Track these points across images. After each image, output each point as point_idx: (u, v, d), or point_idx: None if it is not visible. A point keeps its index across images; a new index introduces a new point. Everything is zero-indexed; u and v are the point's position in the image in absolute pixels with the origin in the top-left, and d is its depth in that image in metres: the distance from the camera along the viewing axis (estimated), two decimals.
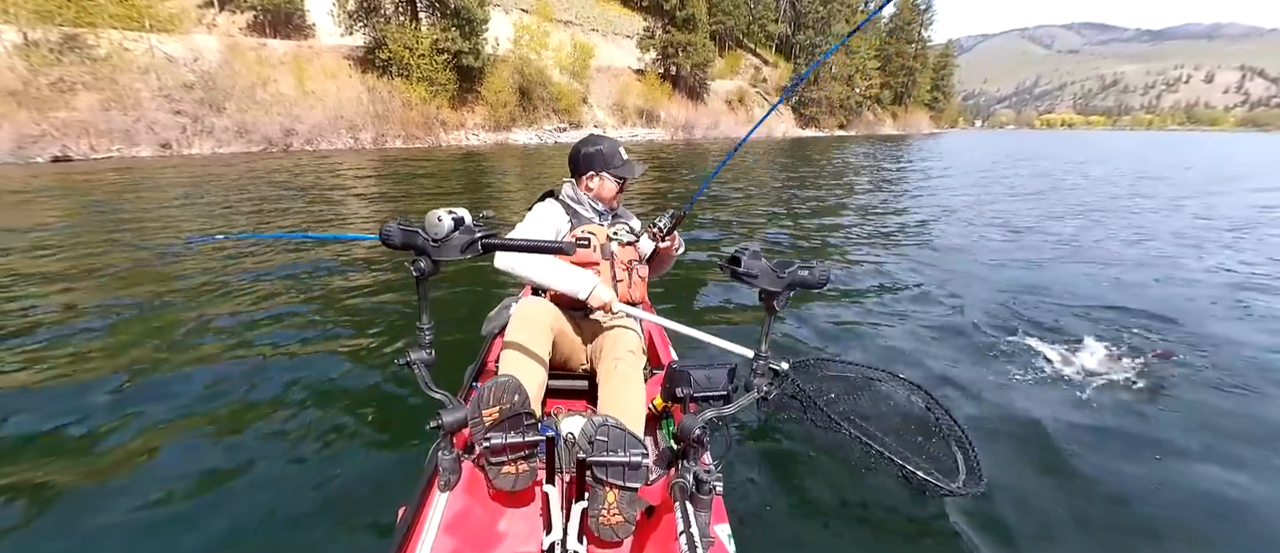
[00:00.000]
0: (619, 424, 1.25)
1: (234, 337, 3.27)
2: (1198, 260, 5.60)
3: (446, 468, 1.24)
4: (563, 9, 37.95)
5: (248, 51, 21.42)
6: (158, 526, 1.79)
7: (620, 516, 1.24)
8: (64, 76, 16.78)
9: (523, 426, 1.28)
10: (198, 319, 3.52)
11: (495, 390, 1.26)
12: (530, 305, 1.73)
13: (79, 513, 1.85)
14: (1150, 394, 2.76)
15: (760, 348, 1.41)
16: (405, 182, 11.82)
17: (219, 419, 2.40)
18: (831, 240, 6.58)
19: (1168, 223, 7.90)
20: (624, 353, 1.67)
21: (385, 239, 1.22)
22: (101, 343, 3.18)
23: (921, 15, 67.87)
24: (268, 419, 2.39)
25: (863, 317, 3.88)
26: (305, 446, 2.21)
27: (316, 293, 4.13)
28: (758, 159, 19.17)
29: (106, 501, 1.90)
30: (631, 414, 1.50)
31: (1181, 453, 2.34)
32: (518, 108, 28.24)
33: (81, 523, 1.81)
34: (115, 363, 2.92)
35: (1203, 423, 2.54)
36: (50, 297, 3.99)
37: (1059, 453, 2.30)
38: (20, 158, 14.74)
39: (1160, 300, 4.19)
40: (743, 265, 1.33)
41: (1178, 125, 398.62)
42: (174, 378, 2.75)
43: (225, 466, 2.08)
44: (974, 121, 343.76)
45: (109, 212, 7.47)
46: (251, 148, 19.27)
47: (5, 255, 5.10)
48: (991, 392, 2.79)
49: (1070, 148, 31.97)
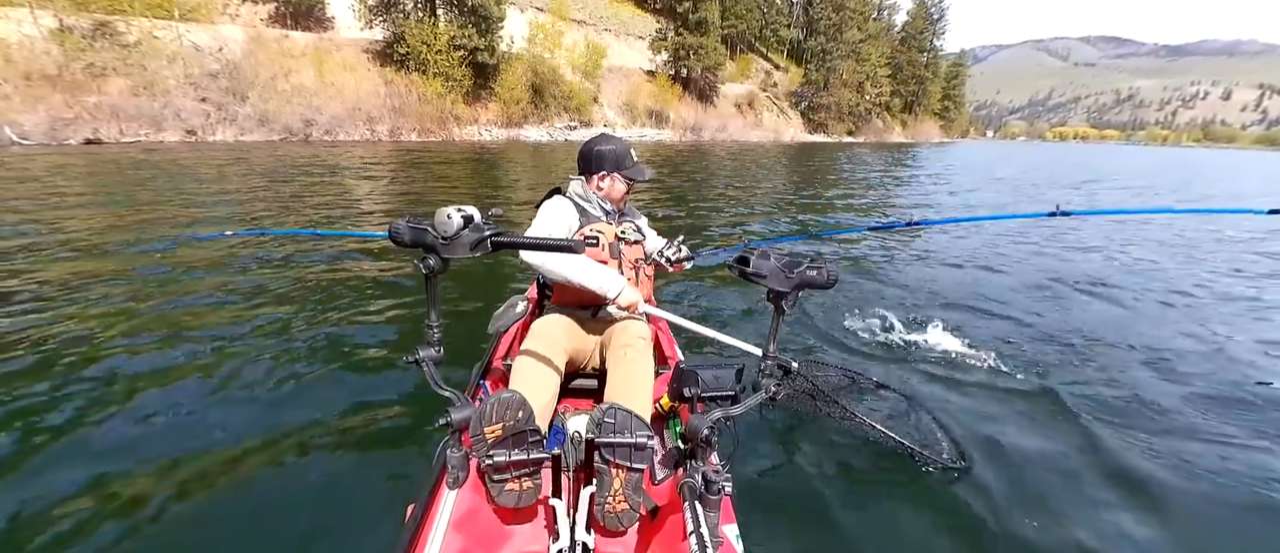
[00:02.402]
0: (625, 408, 1.28)
1: (240, 333, 3.28)
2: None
3: (454, 466, 1.25)
4: (577, 8, 38.47)
5: (270, 42, 22.08)
6: (164, 522, 1.80)
7: (626, 503, 1.26)
8: (95, 62, 17.44)
9: (527, 443, 1.26)
10: (205, 314, 3.54)
11: (498, 407, 1.24)
12: (545, 323, 1.76)
13: (81, 511, 1.84)
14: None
15: (769, 347, 1.42)
16: (421, 174, 12.30)
17: (226, 415, 2.41)
18: (831, 240, 6.80)
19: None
20: (633, 339, 1.71)
21: (394, 237, 1.23)
22: (107, 340, 3.13)
23: (933, 24, 67.98)
24: (275, 416, 2.40)
25: (863, 315, 4.00)
26: (313, 443, 2.22)
27: (324, 290, 4.13)
28: (763, 161, 19.49)
29: (108, 498, 1.91)
30: (639, 399, 1.54)
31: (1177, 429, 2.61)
32: (530, 105, 28.85)
33: (84, 522, 1.80)
34: (120, 356, 2.92)
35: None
36: (51, 287, 3.95)
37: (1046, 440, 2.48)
38: (54, 139, 15.38)
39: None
40: (751, 265, 1.34)
41: (1193, 142, 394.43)
42: (180, 374, 2.76)
43: (232, 462, 2.09)
44: (985, 132, 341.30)
45: (142, 190, 7.97)
46: (272, 136, 19.91)
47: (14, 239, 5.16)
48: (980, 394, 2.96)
49: (1074, 166, 31.50)
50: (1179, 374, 3.30)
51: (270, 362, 2.91)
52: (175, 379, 2.70)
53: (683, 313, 2.16)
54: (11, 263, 4.45)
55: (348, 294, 4.06)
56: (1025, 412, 2.75)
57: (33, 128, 15.18)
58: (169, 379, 2.70)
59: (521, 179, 12.52)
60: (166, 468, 2.06)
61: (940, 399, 2.80)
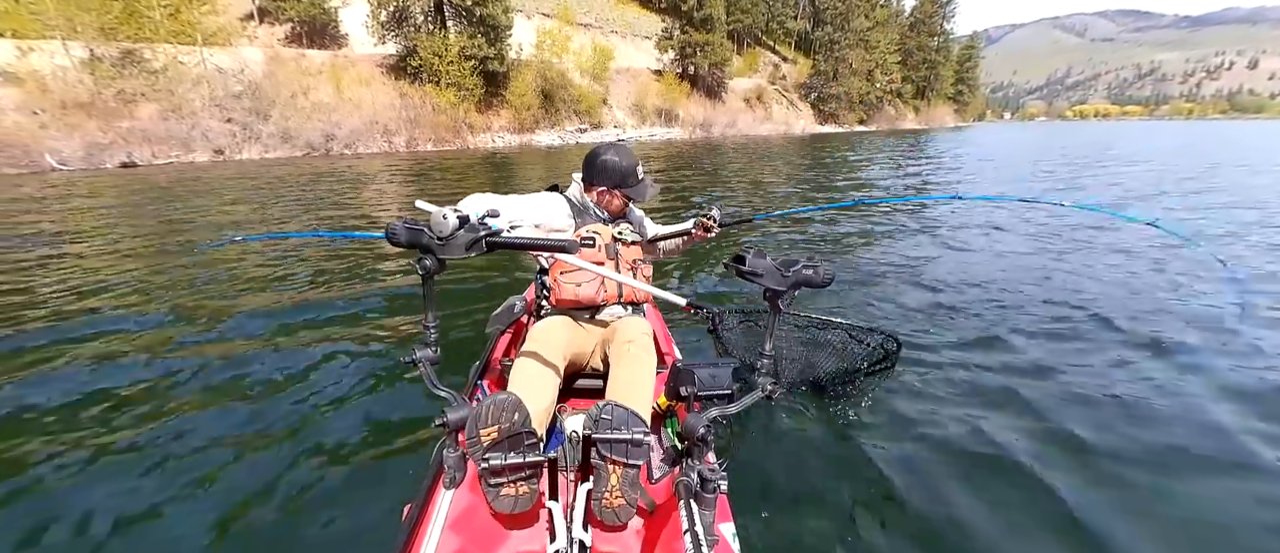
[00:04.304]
0: (623, 405, 1.29)
1: (237, 334, 3.32)
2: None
3: (452, 466, 1.24)
4: (583, 12, 38.91)
5: (289, 62, 22.82)
6: (161, 521, 1.81)
7: (623, 499, 1.26)
8: (126, 89, 18.25)
9: (523, 446, 1.23)
10: (205, 317, 3.59)
11: (494, 409, 1.22)
12: (544, 327, 1.74)
13: (76, 509, 1.86)
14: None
15: (765, 346, 1.41)
16: (437, 181, 12.74)
17: (221, 416, 2.42)
18: (831, 239, 6.86)
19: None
20: (636, 335, 1.71)
21: (391, 237, 1.22)
22: (111, 337, 3.27)
23: (943, 8, 67.21)
24: (270, 416, 2.41)
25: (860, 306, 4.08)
26: (309, 443, 2.22)
27: (321, 291, 4.16)
28: (769, 156, 19.63)
29: (107, 496, 1.92)
30: (640, 396, 1.54)
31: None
32: (540, 110, 29.37)
33: (81, 522, 1.82)
34: (122, 357, 2.99)
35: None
36: (71, 293, 4.21)
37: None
38: (92, 163, 16.14)
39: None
40: (747, 264, 1.33)
41: (1220, 114, 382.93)
42: (177, 374, 2.80)
43: (227, 462, 2.10)
44: (1002, 114, 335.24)
45: (168, 209, 8.43)
46: (295, 153, 20.58)
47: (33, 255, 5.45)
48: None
49: (1094, 146, 30.42)
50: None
51: (263, 363, 2.92)
52: (171, 380, 2.73)
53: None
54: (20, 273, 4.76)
55: (343, 296, 4.07)
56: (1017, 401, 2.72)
57: (71, 154, 15.93)
58: (165, 380, 2.73)
59: (533, 179, 12.93)
60: (160, 468, 2.07)
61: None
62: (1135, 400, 2.70)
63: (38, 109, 16.37)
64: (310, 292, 4.17)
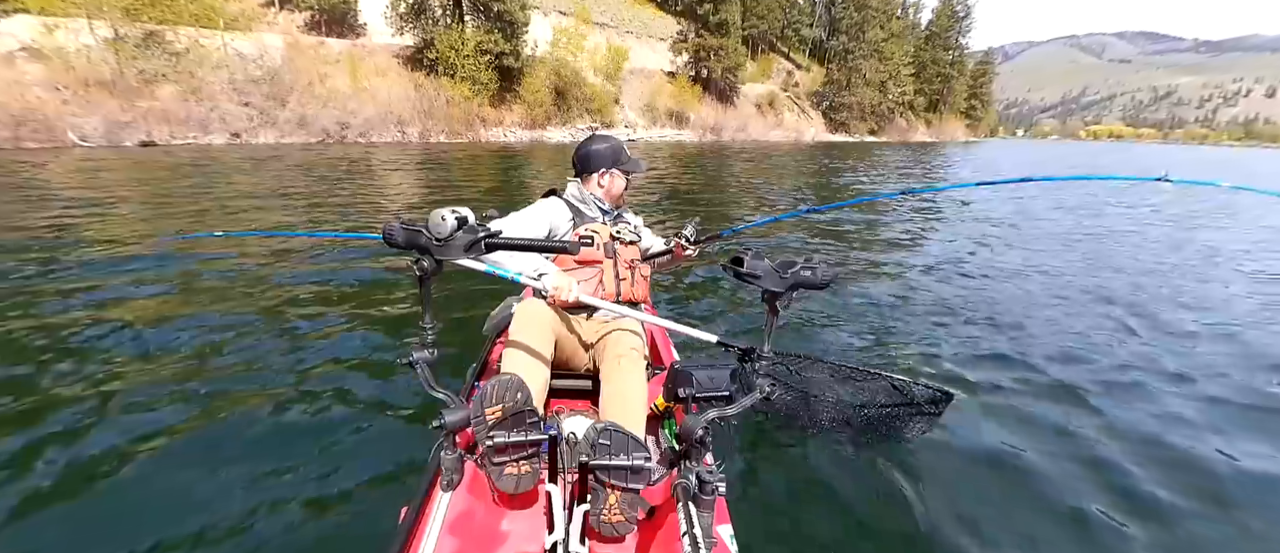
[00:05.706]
0: (621, 429, 1.27)
1: (232, 336, 3.20)
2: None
3: (449, 468, 1.24)
4: (599, 11, 39.12)
5: (307, 49, 23.09)
6: (155, 525, 1.79)
7: (622, 515, 1.27)
8: (147, 69, 18.54)
9: (526, 424, 1.28)
10: (195, 318, 3.46)
11: (498, 388, 1.26)
12: (531, 307, 1.73)
13: (71, 512, 1.84)
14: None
15: (763, 348, 1.40)
16: (447, 174, 12.91)
17: (218, 418, 2.38)
18: (831, 239, 6.99)
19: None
20: (626, 350, 1.71)
21: (388, 239, 1.22)
22: (99, 338, 3.11)
23: (959, 22, 67.06)
24: (266, 420, 2.38)
25: (856, 312, 4.11)
26: (306, 445, 2.20)
27: (316, 292, 4.06)
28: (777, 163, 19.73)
29: (103, 498, 1.90)
30: (633, 414, 1.54)
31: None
32: (553, 107, 29.58)
33: (77, 524, 1.80)
34: (113, 353, 2.92)
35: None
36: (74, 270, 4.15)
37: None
38: (111, 141, 16.43)
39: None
40: (746, 266, 1.32)
41: (1234, 141, 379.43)
42: (172, 376, 2.72)
43: (223, 465, 2.07)
44: (1015, 131, 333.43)
45: (184, 191, 8.64)
46: (310, 139, 20.84)
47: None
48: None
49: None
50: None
51: (259, 365, 2.89)
52: (164, 380, 2.67)
53: (675, 310, 2.15)
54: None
55: (339, 297, 3.99)
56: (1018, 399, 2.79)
57: (92, 131, 16.24)
58: (159, 380, 2.68)
59: (542, 175, 13.08)
60: (157, 469, 2.06)
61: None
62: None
63: (61, 85, 16.67)
64: (305, 292, 4.06)
